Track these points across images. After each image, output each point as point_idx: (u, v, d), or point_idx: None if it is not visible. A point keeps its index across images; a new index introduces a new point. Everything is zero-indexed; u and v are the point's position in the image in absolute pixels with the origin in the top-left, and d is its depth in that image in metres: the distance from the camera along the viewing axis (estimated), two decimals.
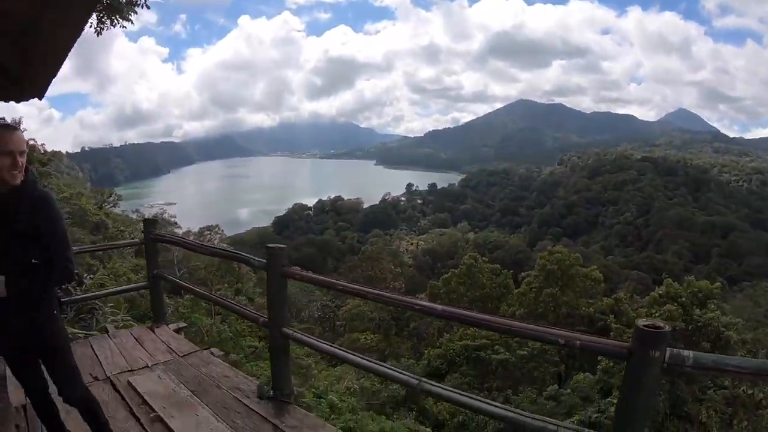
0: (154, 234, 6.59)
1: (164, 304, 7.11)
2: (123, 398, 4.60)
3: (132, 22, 9.87)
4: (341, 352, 4.17)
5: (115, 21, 9.69)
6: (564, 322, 27.93)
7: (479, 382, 23.78)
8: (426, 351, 26.99)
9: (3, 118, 3.38)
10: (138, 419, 4.27)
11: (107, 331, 6.59)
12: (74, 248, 7.40)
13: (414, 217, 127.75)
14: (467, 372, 24.22)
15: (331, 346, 4.35)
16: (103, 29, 9.82)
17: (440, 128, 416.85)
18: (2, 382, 3.47)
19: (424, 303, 3.51)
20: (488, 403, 3.14)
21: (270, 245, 4.63)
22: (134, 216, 50.77)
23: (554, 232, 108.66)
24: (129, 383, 4.83)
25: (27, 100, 4.37)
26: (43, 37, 2.25)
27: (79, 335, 6.92)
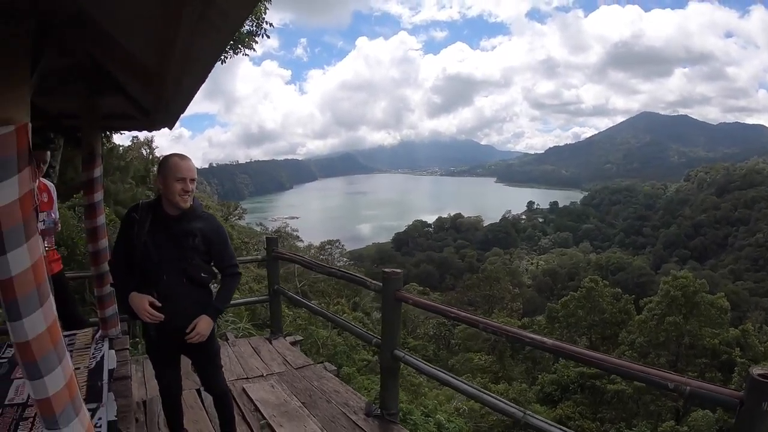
0: (276, 251, 6.97)
1: (282, 317, 7.43)
2: (237, 404, 4.86)
3: (254, 50, 10.47)
4: (448, 377, 4.18)
5: (239, 50, 10.31)
6: (686, 353, 26.48)
7: (591, 412, 22.93)
8: (540, 376, 26.36)
9: (136, 136, 3.88)
10: (249, 424, 4.56)
11: (227, 339, 7.00)
12: None
13: (534, 236, 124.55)
14: (580, 400, 23.44)
15: (439, 370, 4.36)
16: (227, 58, 10.47)
17: (561, 144, 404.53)
18: (128, 381, 3.84)
19: (535, 336, 3.43)
20: None
21: (386, 269, 4.80)
22: (258, 229, 52.74)
23: (680, 254, 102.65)
24: (244, 390, 5.15)
25: (158, 129, 4.83)
26: (170, 84, 2.53)
27: None
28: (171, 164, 3.20)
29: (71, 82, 3.72)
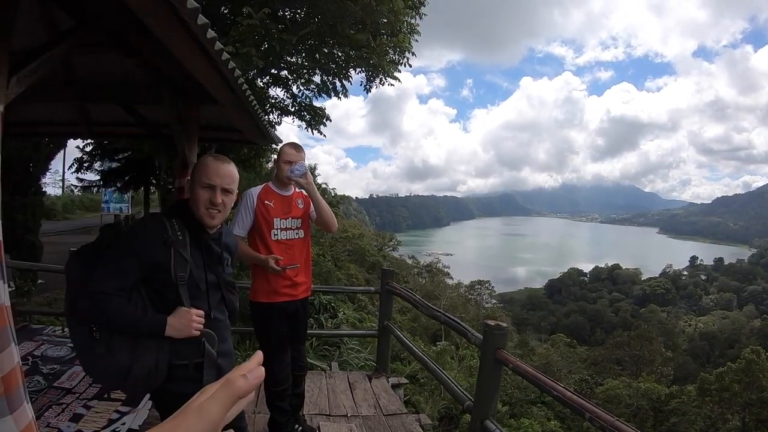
0: (390, 285, 6.61)
1: (389, 355, 7.07)
2: None
3: (399, 80, 10.35)
4: None
5: (382, 80, 10.26)
6: None
7: None
8: None
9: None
10: None
11: (328, 368, 6.80)
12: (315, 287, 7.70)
13: (695, 295, 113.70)
14: None
15: None
16: (371, 87, 10.47)
17: (730, 194, 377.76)
18: None
19: None
20: None
21: (489, 321, 4.05)
22: (410, 261, 53.46)
23: None
24: (319, 428, 4.82)
25: (256, 145, 4.88)
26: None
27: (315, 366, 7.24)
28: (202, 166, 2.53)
29: (162, 90, 3.72)
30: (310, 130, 11.47)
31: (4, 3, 1.61)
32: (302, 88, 11.05)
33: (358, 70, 10.16)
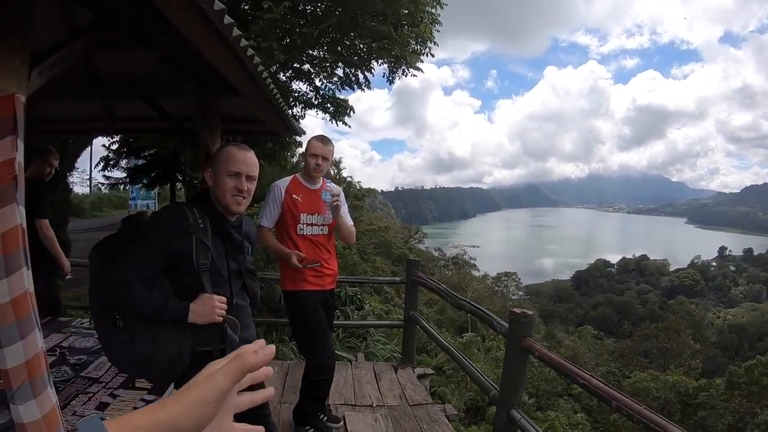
0: (416, 275, 6.58)
1: (415, 346, 7.03)
2: None
3: (421, 71, 10.31)
4: None
5: (405, 71, 10.24)
6: None
7: None
8: None
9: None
10: None
11: (355, 359, 6.84)
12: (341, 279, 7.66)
13: (724, 286, 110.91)
14: None
15: None
16: (394, 78, 10.45)
17: (759, 183, 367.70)
18: None
19: None
20: None
21: (515, 309, 4.02)
22: (436, 254, 53.32)
23: None
24: (344, 418, 4.80)
25: (279, 137, 4.88)
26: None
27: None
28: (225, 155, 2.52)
29: (184, 83, 3.73)
30: (334, 122, 11.46)
31: None
32: (325, 81, 11.04)
33: (380, 61, 10.14)
